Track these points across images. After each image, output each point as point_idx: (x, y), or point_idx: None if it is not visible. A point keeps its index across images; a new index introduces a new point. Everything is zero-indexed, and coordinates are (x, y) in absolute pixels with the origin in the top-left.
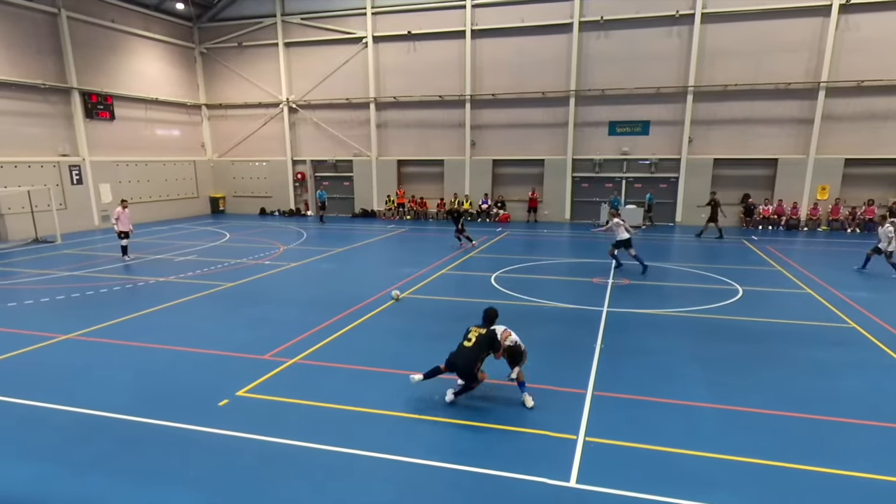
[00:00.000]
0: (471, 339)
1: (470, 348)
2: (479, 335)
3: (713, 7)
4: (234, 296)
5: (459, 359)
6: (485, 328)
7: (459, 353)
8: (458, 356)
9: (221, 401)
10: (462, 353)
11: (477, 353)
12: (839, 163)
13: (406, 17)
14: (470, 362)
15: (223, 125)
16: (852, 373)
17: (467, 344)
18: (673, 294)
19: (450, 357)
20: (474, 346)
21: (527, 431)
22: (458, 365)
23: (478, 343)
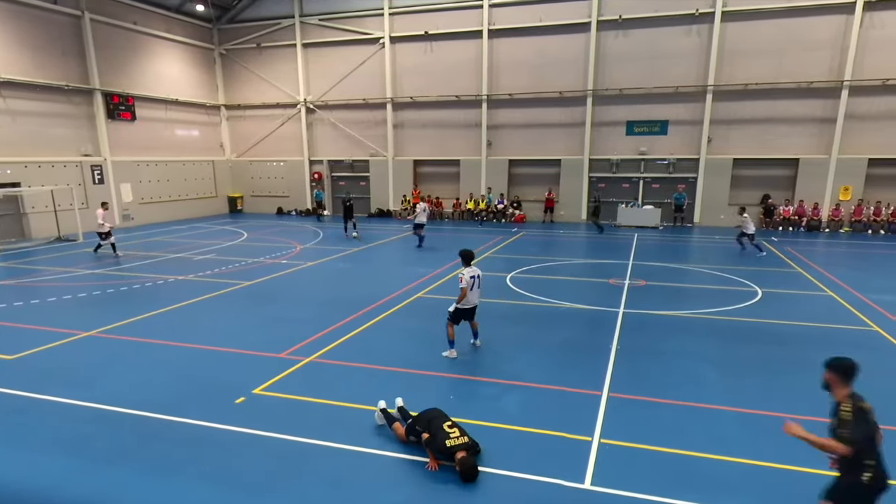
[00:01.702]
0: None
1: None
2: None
3: (734, 5)
4: (251, 294)
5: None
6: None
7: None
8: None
9: (238, 398)
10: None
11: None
12: (863, 163)
13: (423, 17)
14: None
15: (241, 125)
16: (874, 377)
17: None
18: (690, 295)
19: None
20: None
21: (541, 433)
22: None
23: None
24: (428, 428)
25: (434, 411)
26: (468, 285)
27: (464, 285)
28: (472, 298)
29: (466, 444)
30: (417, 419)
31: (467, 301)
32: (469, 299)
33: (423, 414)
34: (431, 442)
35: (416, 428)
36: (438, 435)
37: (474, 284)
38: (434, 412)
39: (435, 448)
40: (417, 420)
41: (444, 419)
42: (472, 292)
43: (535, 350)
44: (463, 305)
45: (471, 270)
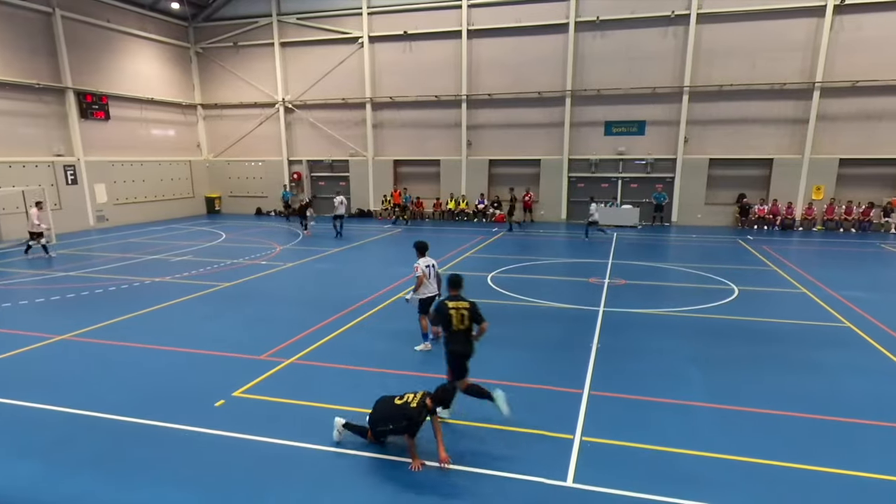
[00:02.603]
0: (462, 315)
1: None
2: (405, 405)
3: (708, 7)
4: (230, 296)
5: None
6: (462, 299)
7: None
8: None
9: (218, 401)
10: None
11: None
12: (834, 163)
13: (402, 17)
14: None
15: (219, 125)
16: (849, 372)
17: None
18: (669, 294)
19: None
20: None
21: (523, 431)
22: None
23: (395, 413)
24: (384, 415)
25: (378, 403)
26: (424, 274)
27: (419, 274)
28: (432, 287)
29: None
30: (373, 421)
31: (427, 290)
32: (428, 288)
33: (375, 412)
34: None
35: (377, 428)
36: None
37: (430, 274)
38: (378, 404)
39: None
40: (373, 421)
41: (389, 401)
42: (429, 281)
43: (517, 349)
44: (423, 295)
45: (425, 260)
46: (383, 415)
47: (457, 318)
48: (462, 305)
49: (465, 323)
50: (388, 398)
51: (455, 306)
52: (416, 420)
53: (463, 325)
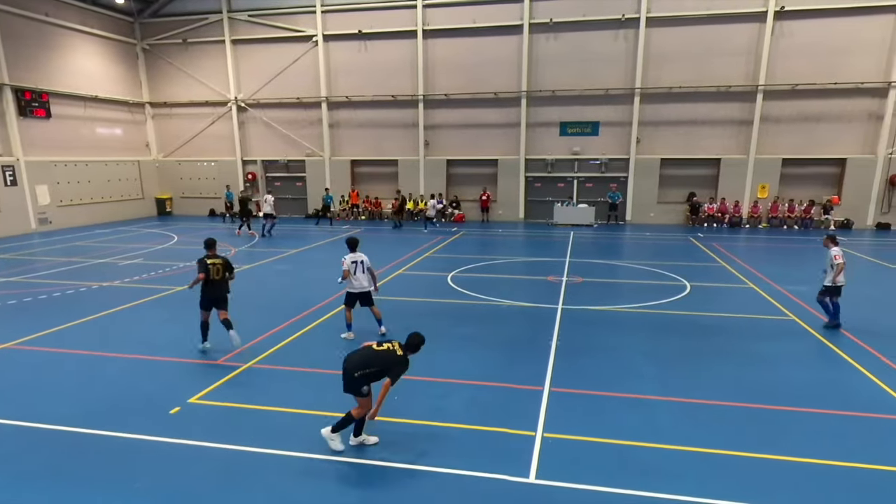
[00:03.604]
0: (384, 346)
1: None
2: (392, 351)
3: (657, 11)
4: (184, 300)
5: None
6: (404, 350)
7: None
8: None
9: (173, 408)
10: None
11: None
12: (777, 163)
13: (357, 15)
14: (356, 365)
15: (168, 124)
16: (793, 363)
17: (376, 348)
18: (625, 291)
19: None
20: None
21: (485, 430)
22: (344, 365)
23: (380, 356)
24: (367, 360)
25: (354, 354)
26: (349, 268)
27: (345, 268)
28: (361, 282)
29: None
30: (353, 366)
31: (354, 285)
32: (357, 283)
33: (353, 360)
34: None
35: (357, 373)
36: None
37: (357, 269)
38: (355, 354)
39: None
40: (353, 366)
41: (367, 350)
42: (357, 276)
43: (478, 348)
44: (353, 289)
45: (353, 256)
46: (366, 360)
47: (213, 272)
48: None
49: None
50: (365, 348)
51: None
52: (404, 364)
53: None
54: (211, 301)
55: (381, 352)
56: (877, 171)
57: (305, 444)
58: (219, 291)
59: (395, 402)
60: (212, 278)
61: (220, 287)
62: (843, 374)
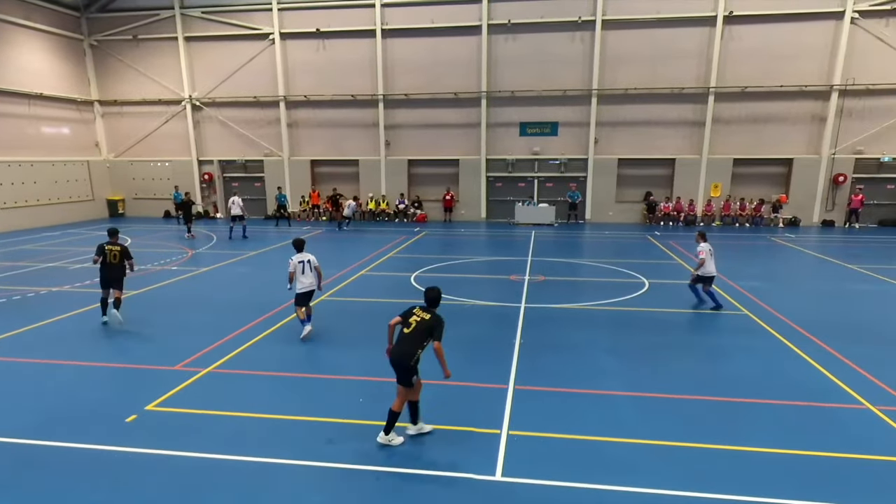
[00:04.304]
0: (411, 324)
1: (410, 336)
2: (422, 320)
3: (612, 14)
4: (138, 304)
5: (396, 347)
6: (430, 312)
7: (403, 343)
8: (399, 348)
9: (129, 416)
10: (406, 343)
11: (416, 344)
12: (728, 162)
13: (314, 14)
14: (406, 354)
15: (119, 123)
16: (747, 356)
17: (406, 332)
18: (586, 288)
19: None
20: (417, 332)
21: (451, 429)
22: (392, 354)
23: (420, 329)
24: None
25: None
26: (295, 269)
27: (291, 269)
28: (305, 282)
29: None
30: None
31: (298, 287)
32: (300, 285)
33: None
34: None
35: (410, 362)
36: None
37: (304, 268)
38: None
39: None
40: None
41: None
42: (302, 276)
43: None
44: (299, 290)
45: (300, 256)
46: (411, 345)
47: (109, 256)
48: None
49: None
50: (402, 337)
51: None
52: (439, 322)
53: (407, 330)
54: (108, 281)
55: (416, 328)
56: (821, 170)
57: (268, 449)
58: (115, 273)
59: (360, 405)
60: (108, 261)
61: (117, 270)
62: (793, 365)
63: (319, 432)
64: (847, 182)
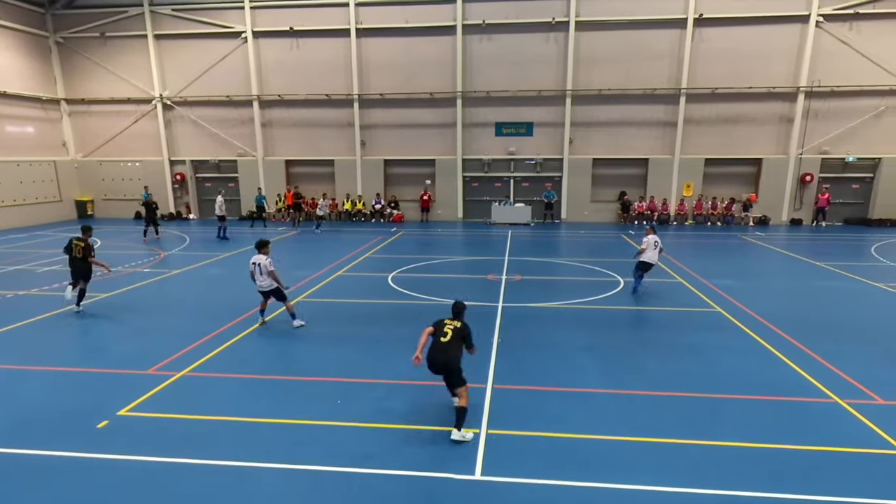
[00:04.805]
0: (447, 334)
1: (451, 343)
2: (455, 329)
3: (585, 16)
4: (110, 307)
5: (443, 356)
6: (459, 321)
7: (442, 350)
8: (440, 354)
9: (101, 422)
10: (445, 350)
11: (457, 348)
12: (700, 162)
13: (287, 12)
14: (452, 358)
15: (88, 122)
16: (720, 353)
17: (444, 340)
18: (562, 287)
19: (429, 361)
20: (454, 341)
21: (430, 429)
22: (442, 364)
23: (455, 337)
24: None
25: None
26: (252, 269)
27: (250, 269)
28: (260, 282)
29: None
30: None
31: (258, 285)
32: (259, 283)
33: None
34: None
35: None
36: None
37: (257, 271)
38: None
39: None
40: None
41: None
42: (259, 277)
43: None
44: (258, 289)
45: (254, 258)
46: (454, 353)
47: (75, 251)
48: (455, 324)
49: (447, 336)
50: (439, 346)
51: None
52: (467, 329)
53: (445, 339)
54: (73, 272)
55: (453, 336)
56: (789, 170)
57: (244, 452)
58: (76, 266)
59: (338, 406)
60: (74, 255)
61: (79, 263)
62: (765, 361)
63: (295, 434)
64: (814, 181)
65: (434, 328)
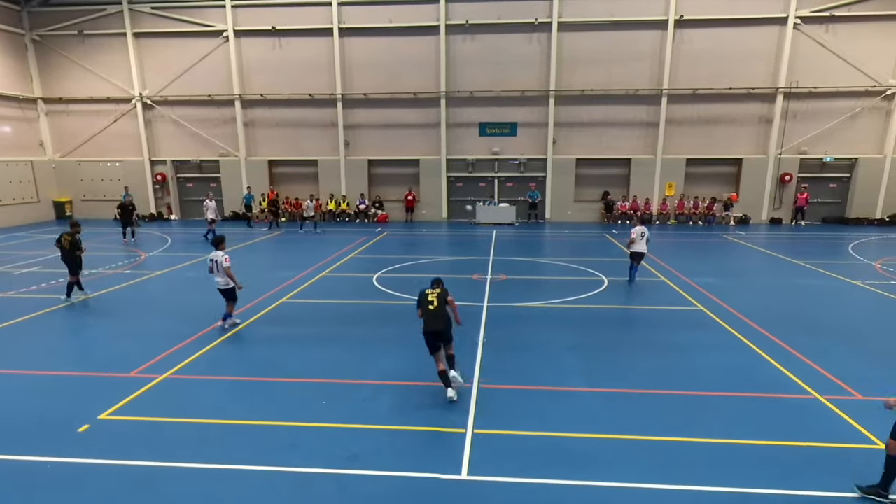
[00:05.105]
0: (433, 301)
1: (439, 309)
2: (438, 295)
3: (568, 16)
4: (90, 310)
5: (439, 323)
6: (438, 288)
7: (435, 318)
8: (434, 321)
9: (81, 426)
10: (437, 316)
11: (446, 311)
12: (682, 162)
13: (269, 11)
14: (448, 321)
15: (66, 122)
16: (703, 350)
17: (432, 308)
18: (547, 287)
19: (426, 334)
20: (441, 306)
21: (416, 429)
22: (441, 330)
23: (440, 302)
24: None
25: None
26: (209, 266)
27: (210, 265)
28: (216, 279)
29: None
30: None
31: (216, 282)
32: (216, 280)
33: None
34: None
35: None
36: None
37: (213, 268)
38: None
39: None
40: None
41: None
42: (215, 274)
43: (405, 348)
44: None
45: (212, 254)
46: (444, 315)
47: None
48: (436, 291)
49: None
50: (430, 312)
51: (432, 293)
52: (447, 291)
53: (434, 307)
54: (65, 264)
55: (439, 302)
56: (768, 170)
57: (229, 455)
58: (65, 257)
59: (322, 407)
60: (62, 246)
61: (67, 255)
62: (747, 358)
63: (281, 436)
64: (793, 181)
65: (420, 306)
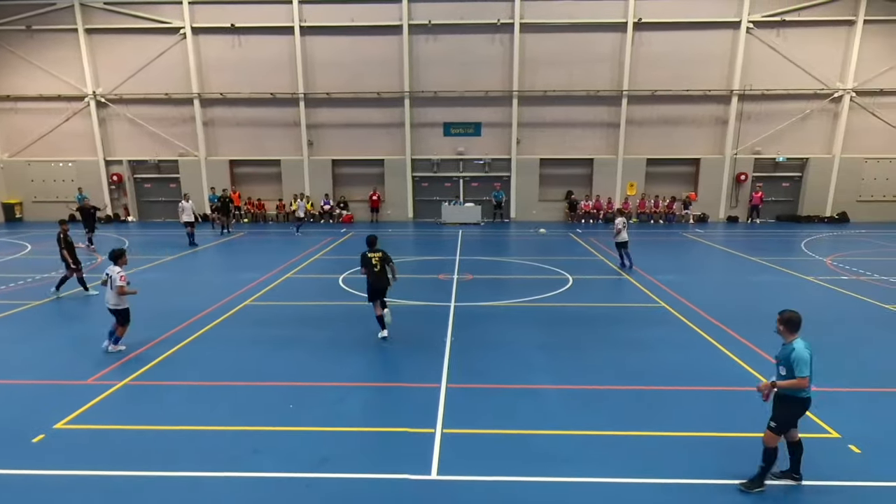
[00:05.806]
0: (377, 265)
1: (381, 271)
2: (379, 257)
3: (529, 18)
4: (43, 315)
5: (381, 283)
6: (378, 251)
7: (379, 279)
8: (378, 282)
9: (36, 437)
10: (381, 278)
11: (385, 272)
12: (642, 162)
13: (228, 8)
14: (386, 281)
15: (14, 120)
16: (666, 346)
17: (377, 270)
18: (513, 286)
19: (371, 290)
20: (382, 268)
21: (385, 431)
22: (383, 288)
23: (382, 264)
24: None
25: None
26: (103, 279)
27: (104, 279)
28: (105, 296)
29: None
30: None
31: (105, 298)
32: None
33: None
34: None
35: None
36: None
37: (108, 283)
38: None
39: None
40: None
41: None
42: (107, 290)
43: (372, 350)
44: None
45: (108, 268)
46: (384, 276)
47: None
48: (376, 255)
49: (378, 266)
50: (374, 275)
51: (373, 255)
52: (386, 254)
53: (378, 269)
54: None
55: (381, 265)
56: (725, 169)
57: (191, 462)
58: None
59: (291, 410)
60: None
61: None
62: (708, 353)
63: (247, 441)
64: (748, 180)
65: (364, 265)
